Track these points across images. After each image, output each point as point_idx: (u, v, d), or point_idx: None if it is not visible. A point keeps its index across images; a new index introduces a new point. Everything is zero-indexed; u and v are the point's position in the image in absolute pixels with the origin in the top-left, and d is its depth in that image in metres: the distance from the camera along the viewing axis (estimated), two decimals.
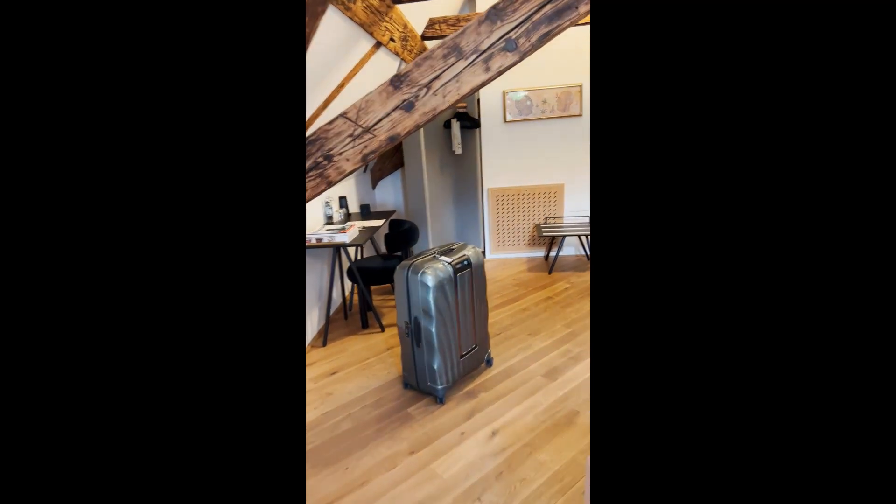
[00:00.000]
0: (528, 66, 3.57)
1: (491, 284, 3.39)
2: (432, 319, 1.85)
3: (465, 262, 2.00)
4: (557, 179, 3.78)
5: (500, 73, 1.21)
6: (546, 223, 3.75)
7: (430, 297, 1.83)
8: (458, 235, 4.11)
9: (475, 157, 3.69)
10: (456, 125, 3.58)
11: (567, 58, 3.51)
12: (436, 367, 1.91)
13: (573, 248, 3.96)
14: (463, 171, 3.85)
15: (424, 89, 1.22)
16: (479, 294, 2.09)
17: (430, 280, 1.82)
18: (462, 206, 3.96)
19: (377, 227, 2.83)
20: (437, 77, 1.22)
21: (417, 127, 1.26)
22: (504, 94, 3.62)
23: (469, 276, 2.01)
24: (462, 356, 2.04)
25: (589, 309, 2.85)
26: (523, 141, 3.74)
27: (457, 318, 1.97)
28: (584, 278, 3.36)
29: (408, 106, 1.24)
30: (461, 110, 3.61)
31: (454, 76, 1.21)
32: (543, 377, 2.14)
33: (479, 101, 3.69)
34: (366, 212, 3.31)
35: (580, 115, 3.59)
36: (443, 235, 4.06)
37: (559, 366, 2.22)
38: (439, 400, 1.98)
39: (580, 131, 3.63)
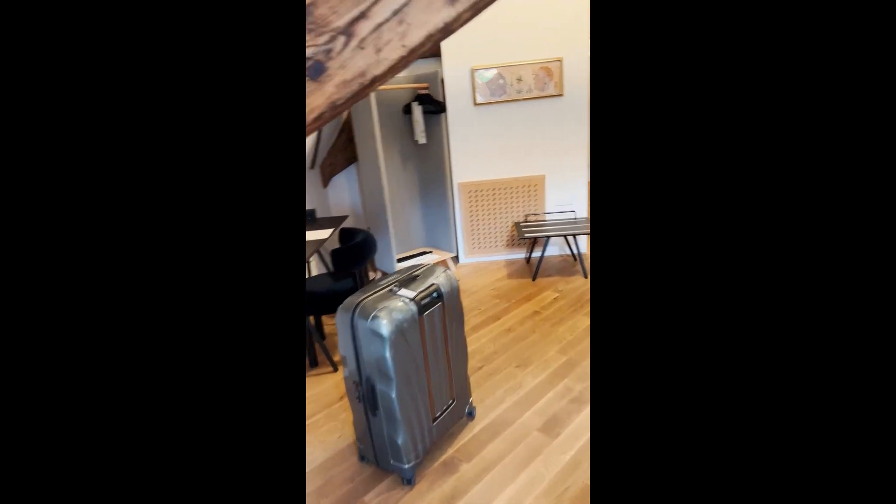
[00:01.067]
0: (500, 38, 3.04)
1: (467, 297, 2.89)
2: (391, 381, 1.33)
3: (434, 295, 1.48)
4: (537, 170, 3.30)
5: (476, 8, 0.68)
6: (526, 221, 3.27)
7: (387, 354, 1.30)
8: (427, 239, 3.58)
9: (442, 147, 3.15)
10: (418, 110, 3.03)
11: (544, 29, 3.00)
12: (400, 442, 1.40)
13: (557, 248, 3.50)
14: (429, 164, 3.30)
15: (341, 37, 0.68)
16: (454, 332, 1.58)
17: (384, 328, 1.29)
18: (430, 205, 3.43)
19: (323, 241, 2.26)
20: (363, 15, 0.67)
21: (334, 109, 0.72)
22: (472, 71, 3.08)
23: (440, 313, 1.50)
24: (435, 419, 1.53)
25: (584, 326, 2.40)
26: (496, 127, 3.22)
27: (426, 374, 1.46)
28: (574, 284, 2.91)
29: (314, 70, 0.70)
30: (423, 92, 3.06)
31: (394, 12, 0.67)
32: (541, 432, 1.66)
33: (443, 80, 3.14)
34: (311, 219, 2.73)
35: (561, 95, 3.10)
36: (409, 240, 3.52)
37: (559, 413, 1.75)
38: (406, 481, 1.47)
39: (561, 114, 3.14)
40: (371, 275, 2.82)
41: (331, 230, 2.46)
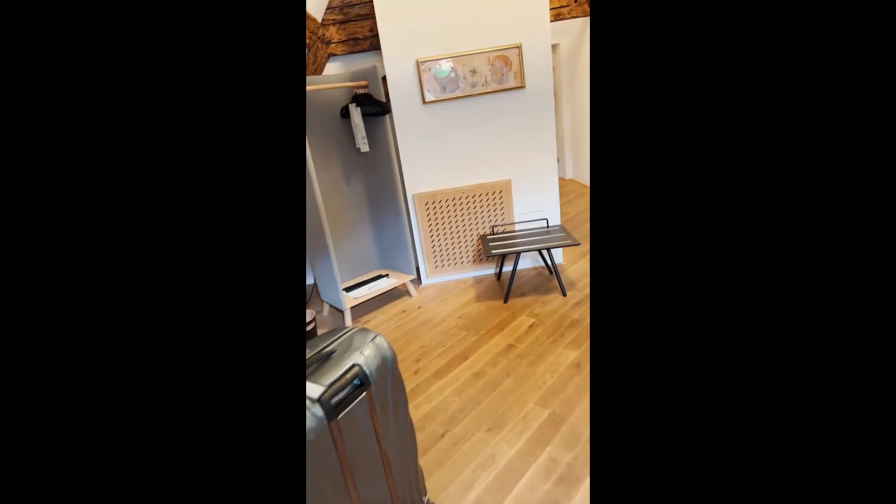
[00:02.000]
0: (448, 24, 2.60)
1: (429, 330, 2.45)
2: None
3: (356, 383, 1.03)
4: (502, 175, 2.88)
5: None
6: (493, 234, 2.85)
7: None
8: (381, 260, 3.12)
9: (390, 155, 2.70)
10: (356, 113, 2.56)
11: (499, 12, 2.58)
12: None
13: (531, 260, 3.10)
14: (376, 175, 2.84)
15: None
16: (393, 422, 1.14)
17: None
18: (382, 222, 2.97)
19: None
20: None
21: None
22: (418, 64, 2.63)
23: (365, 406, 1.05)
24: None
25: (568, 362, 2.00)
26: (451, 127, 2.79)
27: (351, 497, 1.01)
28: (552, 306, 2.51)
29: None
30: (362, 91, 2.59)
31: None
32: None
33: (384, 78, 2.69)
34: None
35: (522, 88, 2.69)
36: (360, 263, 3.05)
37: (544, 502, 1.34)
38: None
39: (524, 108, 2.73)
40: (309, 314, 2.35)
41: None
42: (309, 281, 3.38)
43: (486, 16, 2.58)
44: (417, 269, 3.17)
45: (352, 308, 2.76)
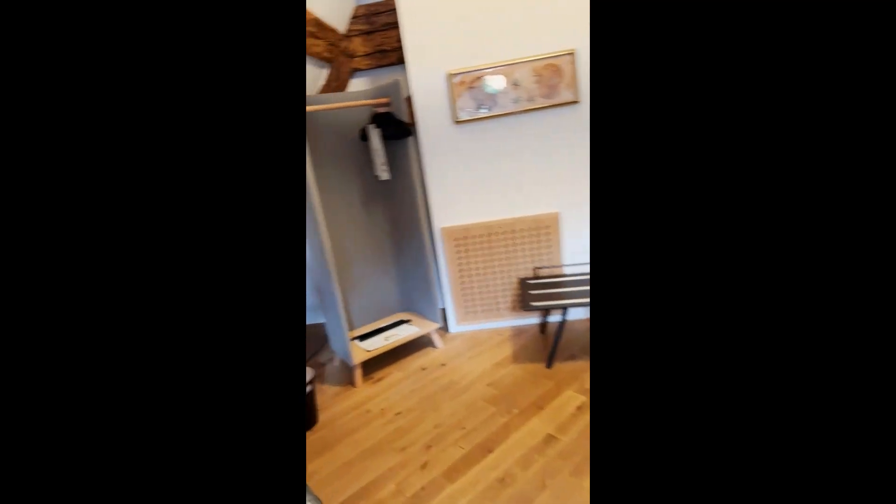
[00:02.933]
0: (485, 30, 2.18)
1: (450, 401, 1.98)
2: None
3: None
4: (548, 207, 2.38)
5: None
6: (536, 279, 2.34)
7: None
8: (403, 303, 2.70)
9: (413, 182, 2.30)
10: (375, 135, 2.19)
11: (547, 9, 2.12)
12: None
13: (584, 311, 2.54)
14: (398, 205, 2.45)
15: None
16: None
17: None
18: (405, 258, 2.56)
19: None
20: None
21: None
22: (449, 76, 2.22)
23: None
24: None
25: None
26: (488, 150, 2.34)
27: None
28: None
29: None
30: (381, 110, 2.22)
31: None
32: None
33: (409, 97, 2.31)
34: None
35: (576, 102, 2.20)
36: (379, 306, 2.65)
37: None
38: None
39: (578, 127, 2.23)
40: (309, 372, 1.97)
41: None
42: (323, 319, 3.04)
43: (530, 17, 2.13)
44: (444, 314, 2.72)
45: (363, 362, 2.35)
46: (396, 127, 2.19)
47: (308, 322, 3.13)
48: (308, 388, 1.94)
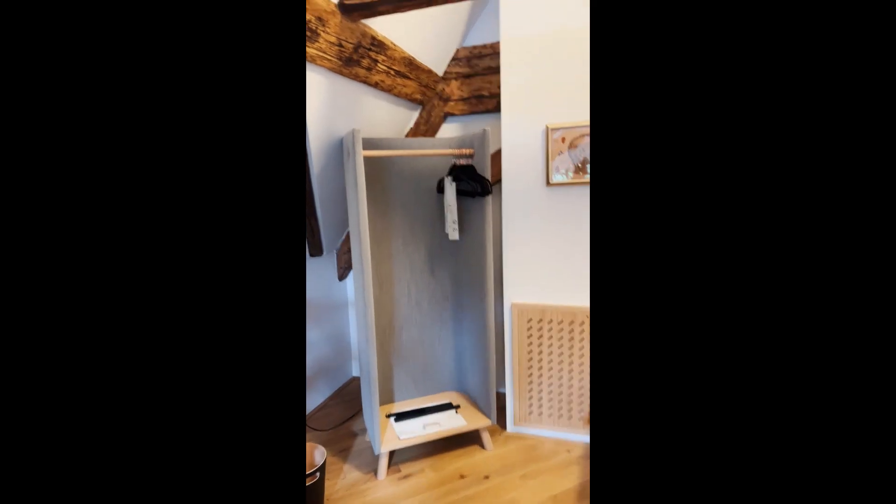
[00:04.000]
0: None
1: None
2: None
3: None
4: None
5: None
6: None
7: None
8: (456, 380, 2.30)
9: (484, 245, 1.94)
10: (451, 189, 1.90)
11: None
12: None
13: None
14: (464, 268, 2.10)
15: None
16: None
17: None
18: (464, 332, 2.19)
19: None
20: None
21: None
22: (548, 131, 1.87)
23: None
24: None
25: None
26: (582, 223, 1.91)
27: None
28: None
29: None
30: (462, 162, 1.93)
31: None
32: None
33: (498, 151, 1.99)
34: None
35: None
36: (428, 379, 2.29)
37: None
38: None
39: None
40: (318, 454, 1.66)
41: None
42: (355, 373, 2.77)
43: None
44: (501, 408, 2.26)
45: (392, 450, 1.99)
46: (476, 182, 1.88)
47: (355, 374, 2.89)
48: (313, 478, 1.62)
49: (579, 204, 1.90)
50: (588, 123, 1.81)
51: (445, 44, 2.21)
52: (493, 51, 2.25)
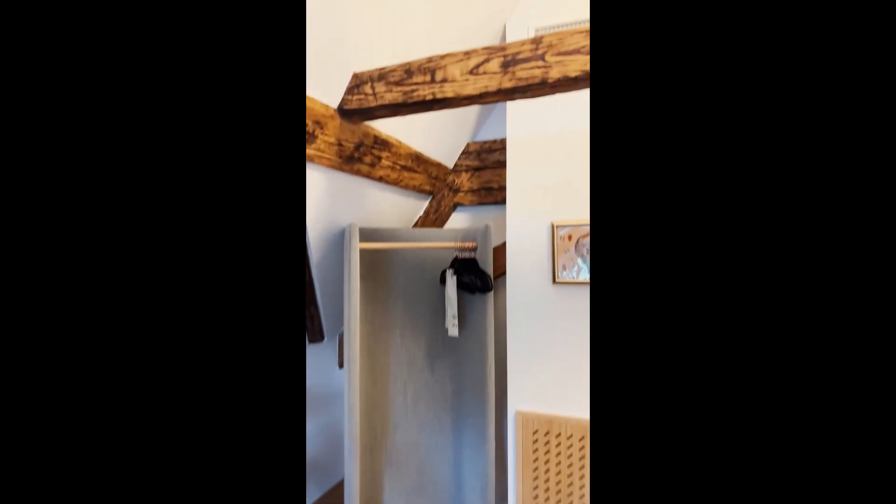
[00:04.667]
0: None
1: None
2: None
3: None
4: None
5: None
6: None
7: None
8: (453, 496, 2.05)
9: (485, 346, 1.80)
10: (451, 283, 1.82)
11: None
12: None
13: None
14: (464, 369, 1.95)
15: None
16: None
17: None
18: (462, 439, 1.98)
19: None
20: None
21: None
22: (554, 228, 1.80)
23: None
24: None
25: None
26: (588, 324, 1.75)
27: None
28: None
29: None
30: (465, 255, 1.87)
31: None
32: None
33: (503, 244, 1.93)
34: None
35: None
36: (415, 493, 2.05)
37: None
38: None
39: None
40: None
41: None
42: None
43: None
44: None
45: None
46: (477, 277, 1.79)
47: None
48: None
49: (588, 303, 1.76)
50: None
51: (455, 139, 2.26)
52: (502, 146, 2.28)
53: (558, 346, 1.82)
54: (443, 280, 2.00)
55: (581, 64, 1.06)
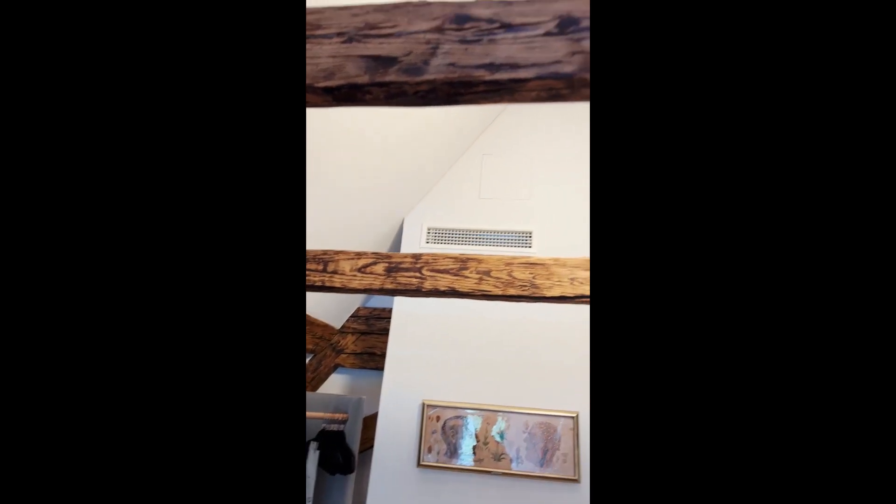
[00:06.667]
0: (477, 364, 1.93)
1: None
2: None
3: None
4: None
5: None
6: None
7: None
8: None
9: None
10: (313, 458, 1.70)
11: (555, 358, 1.87)
12: None
13: None
14: None
15: None
16: None
17: None
18: None
19: None
20: None
21: None
22: (424, 407, 1.85)
23: None
24: None
25: None
26: None
27: None
28: None
29: None
30: (333, 427, 1.80)
31: None
32: None
33: (372, 415, 1.93)
34: None
35: (576, 482, 1.66)
36: None
37: None
38: None
39: None
40: None
41: None
42: None
43: (532, 362, 1.87)
44: None
45: None
46: (340, 454, 1.71)
47: None
48: None
49: (451, 491, 1.74)
50: (462, 405, 1.84)
51: (347, 302, 2.37)
52: (390, 315, 2.43)
53: None
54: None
55: (449, 282, 1.28)
